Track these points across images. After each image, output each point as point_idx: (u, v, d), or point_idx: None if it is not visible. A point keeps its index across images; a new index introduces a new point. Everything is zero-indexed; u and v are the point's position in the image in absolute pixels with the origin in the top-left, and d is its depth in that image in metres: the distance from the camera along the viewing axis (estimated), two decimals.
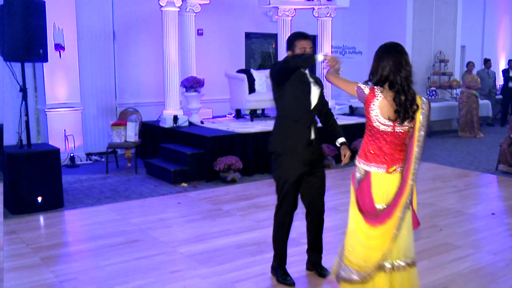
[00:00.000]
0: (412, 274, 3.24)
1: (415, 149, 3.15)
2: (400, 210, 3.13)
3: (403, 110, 3.09)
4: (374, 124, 3.15)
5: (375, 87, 3.13)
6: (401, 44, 3.18)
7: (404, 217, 3.16)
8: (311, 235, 4.20)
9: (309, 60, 3.70)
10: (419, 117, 3.14)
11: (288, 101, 3.88)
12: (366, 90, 3.14)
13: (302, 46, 3.88)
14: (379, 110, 3.11)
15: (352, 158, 3.73)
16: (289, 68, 3.69)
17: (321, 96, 4.03)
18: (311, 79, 3.99)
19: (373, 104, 3.11)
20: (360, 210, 3.23)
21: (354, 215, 3.26)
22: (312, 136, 3.96)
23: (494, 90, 14.12)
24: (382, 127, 3.14)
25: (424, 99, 3.20)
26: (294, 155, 3.89)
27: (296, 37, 3.96)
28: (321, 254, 4.24)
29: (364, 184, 3.21)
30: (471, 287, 4.02)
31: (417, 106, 3.13)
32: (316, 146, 4.02)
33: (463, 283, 4.08)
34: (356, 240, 3.23)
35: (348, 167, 4.07)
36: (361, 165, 3.23)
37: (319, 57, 3.58)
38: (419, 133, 3.15)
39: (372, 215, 3.18)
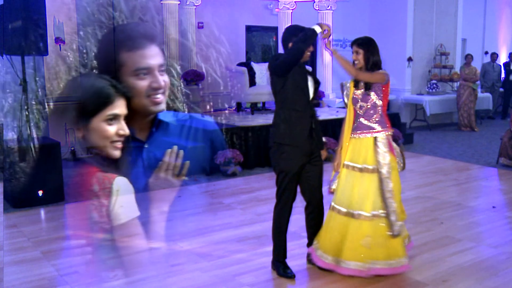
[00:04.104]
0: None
1: None
2: None
3: None
4: None
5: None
6: None
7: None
8: (311, 227, 4.19)
9: (313, 35, 3.80)
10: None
11: (291, 91, 3.88)
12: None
13: None
14: None
15: (329, 159, 4.23)
16: (302, 53, 3.77)
17: (315, 92, 4.04)
18: (307, 71, 4.01)
19: None
20: None
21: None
22: (313, 126, 3.98)
23: (498, 84, 14.05)
24: None
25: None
26: (296, 146, 3.90)
27: (295, 30, 3.95)
28: None
29: None
30: (472, 280, 4.02)
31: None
32: (315, 136, 4.02)
33: (464, 276, 4.08)
34: None
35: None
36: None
37: (317, 28, 3.81)
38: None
39: None
